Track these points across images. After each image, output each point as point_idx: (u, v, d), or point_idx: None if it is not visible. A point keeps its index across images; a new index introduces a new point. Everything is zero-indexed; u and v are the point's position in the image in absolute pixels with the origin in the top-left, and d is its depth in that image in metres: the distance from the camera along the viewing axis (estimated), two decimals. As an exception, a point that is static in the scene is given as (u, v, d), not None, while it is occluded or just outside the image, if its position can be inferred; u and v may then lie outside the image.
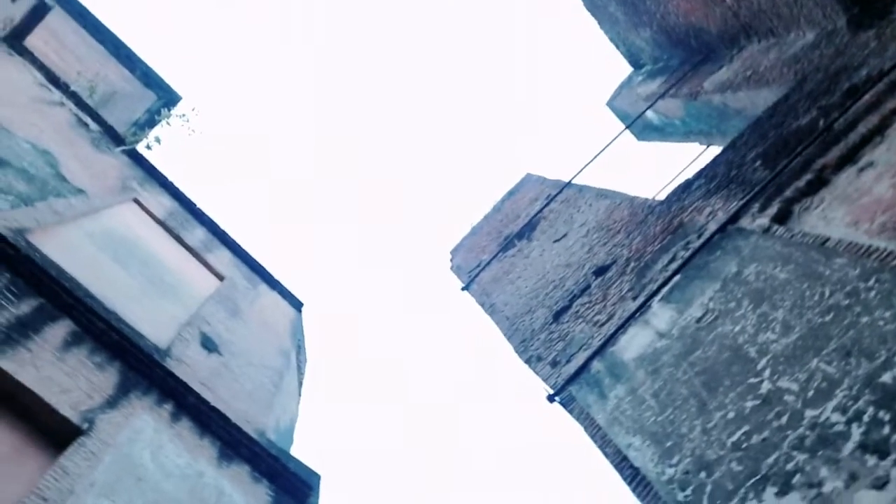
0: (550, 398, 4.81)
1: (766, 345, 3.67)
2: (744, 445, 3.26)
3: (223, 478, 4.61)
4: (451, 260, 9.22)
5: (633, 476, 3.66)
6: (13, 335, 3.99)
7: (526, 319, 6.40)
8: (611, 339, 4.97)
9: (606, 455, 4.05)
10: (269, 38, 38.10)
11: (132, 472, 3.95)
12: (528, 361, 5.62)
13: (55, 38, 10.59)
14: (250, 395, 6.02)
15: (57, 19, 10.74)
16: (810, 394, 3.21)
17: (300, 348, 8.75)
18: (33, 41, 8.90)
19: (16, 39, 8.27)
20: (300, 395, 8.66)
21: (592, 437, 4.25)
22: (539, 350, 5.72)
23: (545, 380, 5.08)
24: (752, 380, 3.54)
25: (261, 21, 37.52)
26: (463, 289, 7.91)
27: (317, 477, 5.49)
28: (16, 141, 6.23)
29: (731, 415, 3.49)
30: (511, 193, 9.98)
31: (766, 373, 3.48)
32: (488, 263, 8.25)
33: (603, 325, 5.29)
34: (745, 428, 3.33)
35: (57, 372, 4.08)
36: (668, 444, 3.69)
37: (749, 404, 3.42)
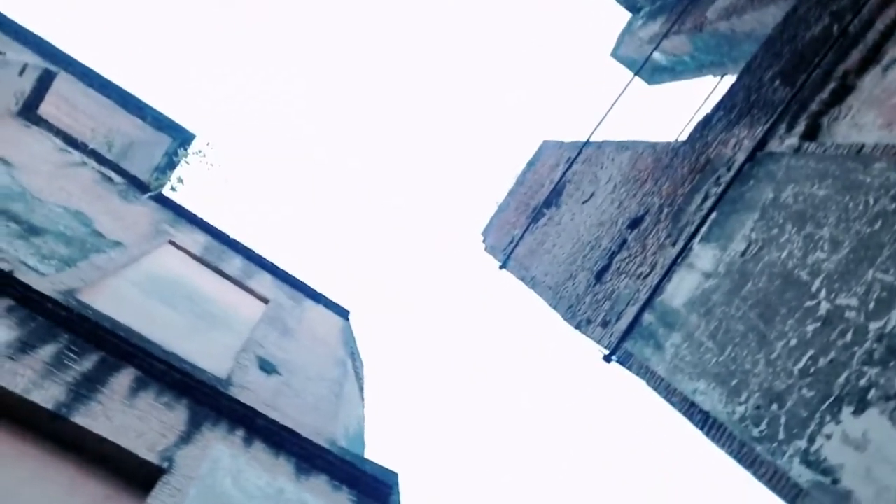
0: (607, 358, 4.78)
1: (816, 265, 3.57)
2: (811, 370, 3.19)
3: (304, 491, 4.73)
4: (484, 241, 9.21)
5: (704, 420, 3.62)
6: (82, 391, 4.16)
7: (569, 286, 6.36)
8: (657, 288, 4.91)
9: (673, 404, 4.01)
10: (266, 50, 38.35)
11: (218, 500, 4.09)
12: (577, 327, 5.59)
13: (65, 101, 10.90)
14: (315, 408, 6.15)
15: (63, 83, 11.04)
16: (871, 306, 3.12)
17: (354, 354, 8.88)
18: (46, 108, 9.18)
19: (29, 111, 8.54)
20: (363, 399, 8.80)
21: (656, 388, 4.22)
22: (587, 313, 5.69)
23: (598, 341, 5.06)
24: (809, 303, 3.45)
25: (256, 32, 37.77)
26: (500, 267, 7.90)
27: (394, 475, 5.59)
28: (49, 207, 6.46)
29: (793, 342, 3.41)
30: (531, 164, 9.89)
31: (822, 293, 3.39)
32: (521, 238, 8.22)
33: (647, 276, 5.22)
34: (810, 352, 3.25)
35: (129, 418, 4.24)
36: (734, 382, 3.64)
37: (810, 328, 3.34)
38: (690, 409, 3.77)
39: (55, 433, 3.90)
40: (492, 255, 8.79)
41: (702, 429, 3.63)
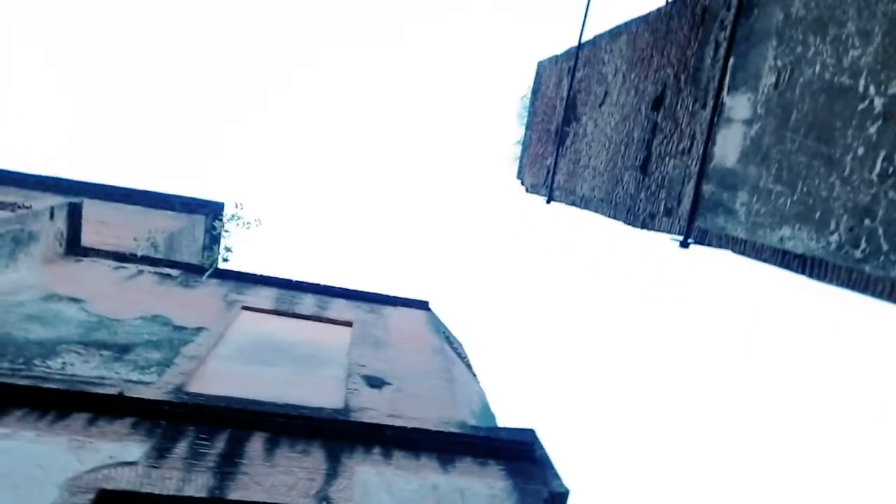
0: (683, 244, 4.66)
1: (855, 65, 3.34)
2: (890, 170, 3.01)
3: (455, 479, 4.89)
4: (522, 184, 9.10)
5: (802, 264, 3.49)
6: (226, 470, 4.43)
7: (619, 191, 6.21)
8: (705, 156, 4.73)
9: (766, 261, 3.88)
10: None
11: (382, 516, 4.29)
12: (644, 226, 5.47)
13: (100, 223, 11.42)
14: (433, 400, 6.31)
15: (91, 208, 11.56)
16: (928, 81, 2.90)
17: (449, 338, 9.02)
18: (87, 237, 9.66)
19: (74, 246, 9.01)
20: (475, 374, 8.95)
21: (742, 252, 4.09)
22: (647, 209, 5.55)
23: (668, 231, 4.93)
24: (861, 105, 3.24)
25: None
26: (548, 202, 7.80)
27: (530, 432, 5.68)
28: (128, 323, 6.84)
29: (860, 151, 3.22)
30: (535, 90, 9.65)
31: (871, 90, 3.17)
32: (555, 165, 8.07)
33: (690, 149, 5.03)
34: (882, 153, 3.06)
35: (276, 476, 4.49)
36: (818, 215, 3.48)
37: (872, 130, 3.14)
38: (785, 259, 3.63)
39: (220, 514, 4.17)
40: (535, 193, 8.68)
41: (803, 272, 3.49)
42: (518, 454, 5.32)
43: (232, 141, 38.44)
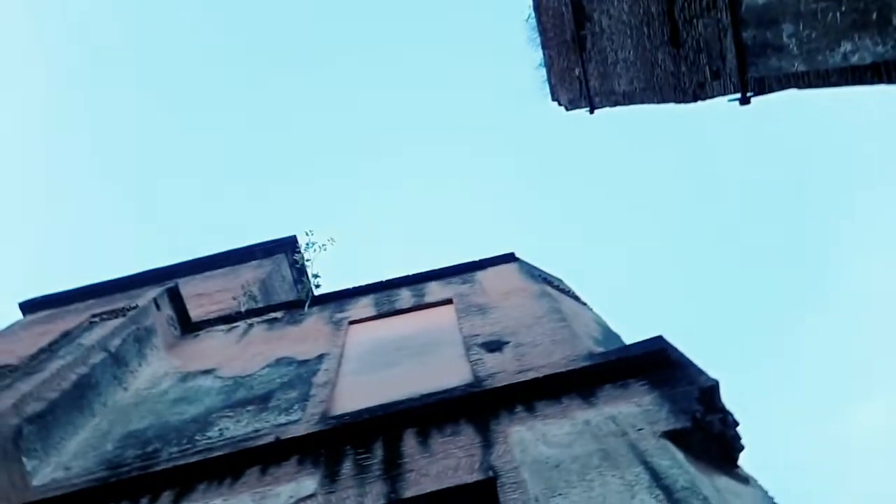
0: (743, 100, 4.39)
1: None
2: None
3: (603, 408, 4.94)
4: (560, 104, 8.82)
5: (876, 72, 3.20)
6: (393, 473, 4.69)
7: (658, 72, 5.90)
8: (734, 1, 4.39)
9: (838, 84, 3.58)
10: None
11: (547, 465, 4.40)
12: (696, 98, 5.18)
13: (197, 296, 12.17)
14: (554, 343, 6.35)
15: (185, 286, 12.35)
16: None
17: (547, 279, 9.02)
18: (194, 313, 10.35)
19: (185, 325, 9.68)
20: (585, 303, 8.91)
21: (809, 85, 3.79)
22: (693, 80, 5.25)
23: (724, 94, 4.65)
24: None
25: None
26: (591, 112, 7.54)
27: (659, 339, 5.62)
28: (258, 375, 7.30)
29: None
30: (536, 6, 9.27)
31: None
32: (585, 72, 7.76)
33: (715, 1, 4.69)
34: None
35: (439, 464, 4.70)
36: (875, 15, 3.16)
37: None
38: (855, 75, 3.34)
39: (403, 513, 4.43)
40: (575, 108, 8.40)
41: (881, 81, 3.20)
42: (654, 364, 5.28)
43: (268, 168, 39.60)
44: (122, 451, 5.92)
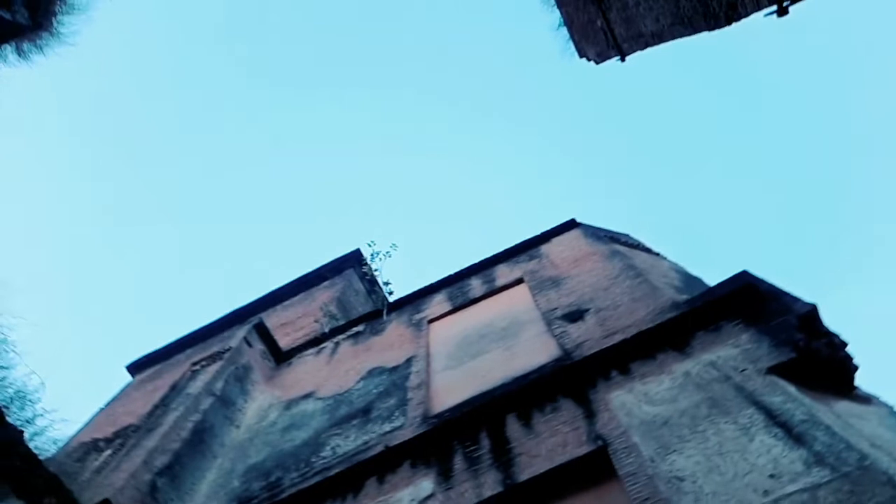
0: (781, 11, 4.15)
1: None
2: None
3: (700, 356, 4.83)
4: (588, 58, 8.60)
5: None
6: (503, 459, 4.76)
7: (684, 3, 5.66)
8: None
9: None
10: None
11: (654, 423, 4.35)
12: (730, 20, 4.94)
13: (281, 326, 12.66)
14: (635, 300, 6.24)
15: (268, 319, 12.87)
16: None
17: (612, 237, 8.86)
18: (282, 342, 10.80)
19: (278, 356, 10.09)
20: (657, 253, 8.71)
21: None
22: (724, 1, 5.01)
23: (757, 9, 4.42)
24: None
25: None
26: (622, 60, 7.32)
27: (743, 273, 5.42)
28: (355, 389, 7.54)
29: None
30: (544, -32, 9.04)
31: None
32: (606, 20, 7.53)
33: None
34: None
35: (547, 442, 4.73)
36: None
37: None
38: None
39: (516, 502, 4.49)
40: (605, 59, 8.18)
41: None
42: (744, 301, 5.11)
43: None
44: (248, 485, 6.27)
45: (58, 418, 4.69)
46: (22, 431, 4.38)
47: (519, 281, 8.51)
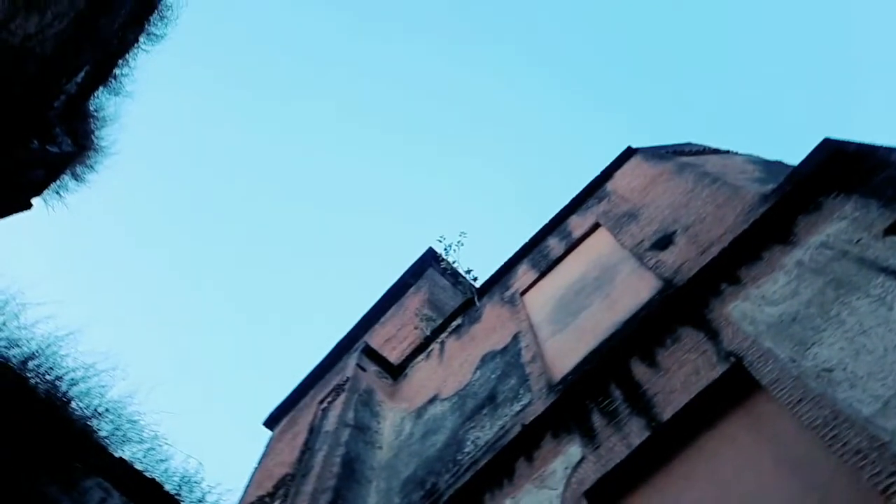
0: None
1: None
2: None
3: (809, 241, 4.61)
4: None
5: None
6: (640, 405, 4.72)
7: None
8: None
9: None
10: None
11: (784, 327, 4.19)
12: None
13: (385, 341, 13.02)
14: (720, 207, 6.01)
15: (371, 339, 13.27)
16: None
17: (674, 151, 8.55)
18: (392, 357, 11.11)
19: (391, 370, 10.39)
20: (727, 151, 8.34)
21: None
22: None
23: None
24: None
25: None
26: None
27: (826, 142, 5.10)
28: (475, 381, 7.67)
29: None
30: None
31: None
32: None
33: None
34: None
35: (677, 375, 4.65)
36: None
37: None
38: None
39: (676, 442, 4.43)
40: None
41: None
42: (836, 170, 4.80)
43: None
44: (408, 498, 6.52)
45: (223, 490, 5.05)
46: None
47: (595, 226, 8.36)
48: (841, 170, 4.75)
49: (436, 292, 13.14)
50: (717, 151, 8.33)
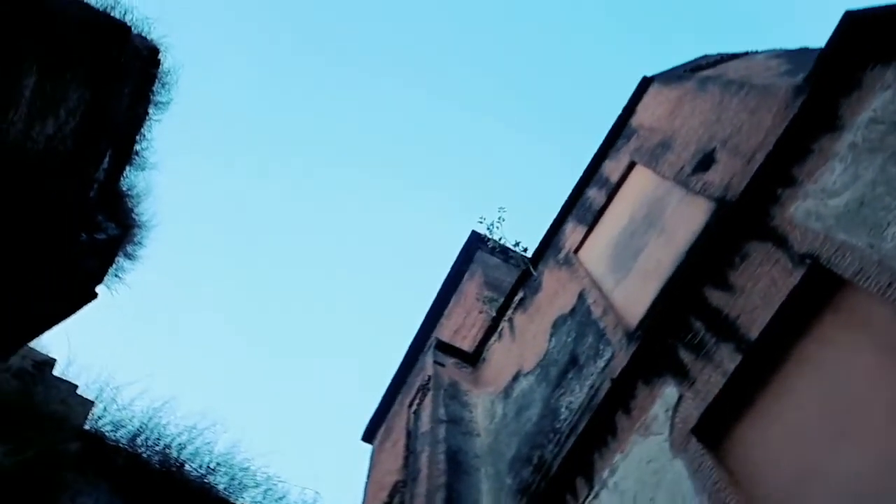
0: None
1: None
2: None
3: (856, 121, 4.41)
4: None
5: None
6: (723, 326, 4.63)
7: None
8: None
9: None
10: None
11: (853, 215, 4.03)
12: None
13: (457, 332, 13.12)
14: (753, 113, 5.80)
15: (441, 333, 13.40)
16: None
17: (690, 70, 8.28)
18: (464, 345, 11.20)
19: (467, 359, 10.47)
20: (745, 53, 8.02)
21: None
22: None
23: None
24: None
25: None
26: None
27: (848, 14, 4.85)
28: (551, 348, 7.67)
29: None
30: None
31: None
32: None
33: None
34: None
35: (754, 292, 4.53)
36: None
37: None
38: None
39: (771, 359, 4.32)
40: None
41: None
42: (867, 41, 4.56)
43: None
44: (519, 476, 6.59)
45: (341, 513, 5.25)
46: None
47: (631, 166, 8.20)
48: (871, 40, 4.52)
49: (490, 272, 13.15)
50: (735, 56, 8.02)
